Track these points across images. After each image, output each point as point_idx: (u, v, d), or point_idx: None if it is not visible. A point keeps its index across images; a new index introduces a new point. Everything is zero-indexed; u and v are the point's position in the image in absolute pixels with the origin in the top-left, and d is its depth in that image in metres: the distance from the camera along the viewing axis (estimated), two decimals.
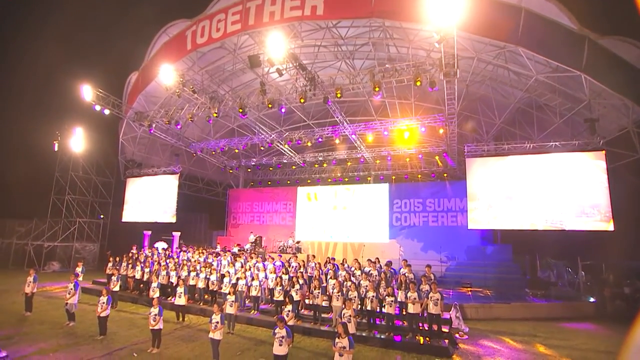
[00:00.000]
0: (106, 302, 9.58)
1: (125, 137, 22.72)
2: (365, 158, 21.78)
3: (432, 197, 21.41)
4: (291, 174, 26.52)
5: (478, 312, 12.55)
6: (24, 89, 28.27)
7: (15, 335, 9.66)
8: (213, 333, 7.73)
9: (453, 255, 19.72)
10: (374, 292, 9.95)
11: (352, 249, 21.00)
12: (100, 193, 26.41)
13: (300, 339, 9.93)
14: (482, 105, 17.90)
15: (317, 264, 13.23)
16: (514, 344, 9.76)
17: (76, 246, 23.80)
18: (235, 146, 20.91)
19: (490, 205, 15.70)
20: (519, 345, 9.66)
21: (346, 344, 6.29)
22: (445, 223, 20.94)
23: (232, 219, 27.21)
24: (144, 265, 14.55)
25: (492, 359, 8.59)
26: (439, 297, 9.14)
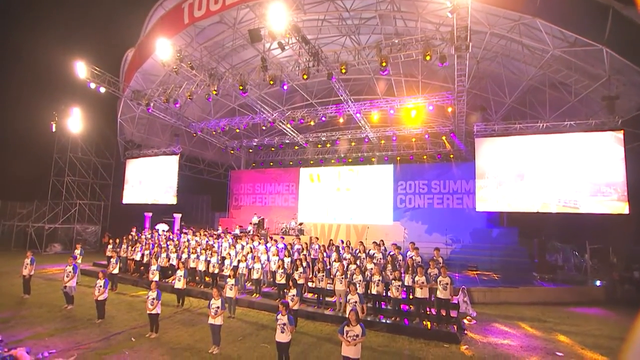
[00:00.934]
0: (103, 286, 9.30)
1: (123, 117, 22.20)
2: (370, 138, 21.20)
3: (438, 178, 20.93)
4: (294, 154, 26.01)
5: (485, 295, 12.25)
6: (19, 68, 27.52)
7: (12, 319, 9.44)
8: (213, 319, 7.42)
9: (458, 238, 19.39)
10: (380, 276, 9.61)
11: (355, 231, 20.70)
12: (101, 175, 26.02)
13: (303, 323, 9.66)
14: (491, 84, 17.16)
15: (321, 246, 12.90)
16: (524, 329, 9.45)
17: (77, 228, 23.59)
18: (236, 126, 20.34)
19: (500, 183, 15.16)
20: (529, 331, 9.35)
21: (359, 332, 5.94)
22: (451, 205, 20.54)
23: (233, 201, 26.91)
24: (144, 248, 14.27)
25: (503, 345, 8.27)
26: (448, 282, 8.77)
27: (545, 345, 8.21)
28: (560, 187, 14.09)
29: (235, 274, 11.76)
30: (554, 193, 14.15)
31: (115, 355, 7.18)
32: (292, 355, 7.11)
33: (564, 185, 14.05)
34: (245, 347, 7.76)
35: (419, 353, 7.71)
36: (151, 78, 19.38)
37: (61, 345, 7.73)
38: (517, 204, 14.92)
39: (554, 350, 7.88)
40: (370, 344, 8.04)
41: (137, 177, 24.06)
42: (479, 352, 7.81)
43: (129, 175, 24.48)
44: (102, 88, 16.68)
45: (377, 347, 8.04)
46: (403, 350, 7.89)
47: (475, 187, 15.98)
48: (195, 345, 7.81)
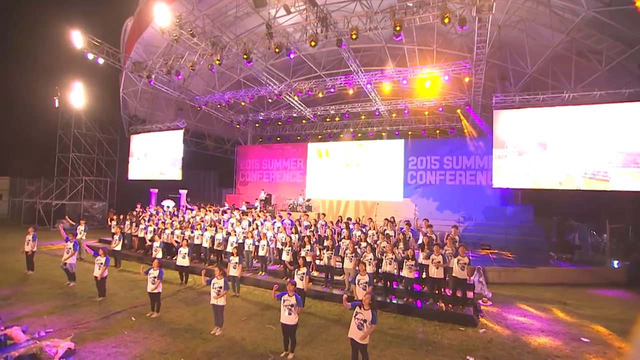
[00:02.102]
0: (104, 263, 8.96)
1: (126, 90, 21.56)
2: (381, 112, 20.29)
3: (450, 154, 20.09)
4: (301, 129, 25.24)
5: (500, 275, 11.73)
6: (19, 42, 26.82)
7: (13, 296, 9.23)
8: (215, 299, 7.01)
9: (470, 216, 18.74)
10: (392, 254, 9.10)
11: (364, 208, 20.17)
12: (106, 151, 25.72)
13: (310, 303, 9.26)
14: (512, 53, 15.98)
15: (329, 222, 12.42)
16: (544, 312, 8.92)
17: (84, 204, 23.49)
18: (241, 99, 19.58)
19: (520, 153, 14.25)
20: (549, 313, 8.81)
21: (368, 317, 5.45)
22: (464, 182, 19.78)
23: (240, 177, 26.49)
24: (148, 224, 13.95)
25: (523, 329, 7.77)
26: (466, 261, 8.21)
27: (568, 330, 7.68)
28: (587, 158, 13.11)
29: (240, 251, 11.41)
30: (581, 164, 13.19)
31: (113, 336, 6.86)
32: (298, 337, 6.69)
33: (592, 156, 13.05)
34: (250, 329, 7.39)
35: (432, 336, 7.25)
36: (152, 49, 18.55)
37: (59, 324, 7.45)
38: (538, 175, 13.98)
39: (578, 336, 7.35)
40: (380, 326, 7.57)
41: (143, 150, 23.66)
42: (497, 336, 7.32)
43: (133, 148, 24.10)
44: (101, 59, 15.99)
45: (388, 329, 7.61)
46: (416, 332, 7.45)
47: (492, 159, 15.10)
48: (197, 325, 7.46)
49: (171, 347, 6.44)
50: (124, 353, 6.19)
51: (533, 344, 6.94)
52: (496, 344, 6.92)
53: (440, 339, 7.12)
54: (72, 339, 6.63)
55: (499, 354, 6.48)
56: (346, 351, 5.92)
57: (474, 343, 6.93)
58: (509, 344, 6.94)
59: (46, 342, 6.38)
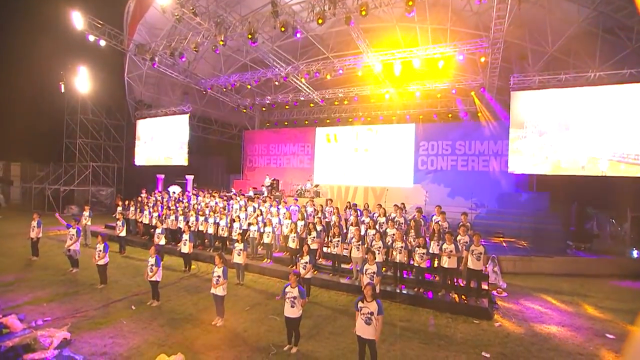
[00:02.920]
0: (103, 250, 8.73)
1: (130, 75, 21.17)
2: (391, 95, 19.55)
3: (463, 139, 19.36)
4: (309, 113, 24.63)
5: (515, 265, 11.23)
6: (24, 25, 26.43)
7: (16, 282, 9.10)
8: (215, 288, 6.70)
9: (483, 203, 18.11)
10: (402, 242, 8.66)
11: (373, 194, 19.70)
12: (113, 137, 25.58)
13: (317, 292, 8.95)
14: (531, 31, 15.05)
15: (335, 208, 12.00)
16: (564, 305, 8.42)
17: (92, 190, 23.49)
18: (247, 81, 19.05)
19: (541, 133, 13.48)
20: (569, 306, 8.30)
21: (374, 309, 5.06)
22: (476, 168, 19.10)
23: (247, 162, 26.16)
24: (152, 210, 13.74)
25: (542, 323, 7.32)
26: (482, 251, 7.73)
27: (591, 325, 7.19)
28: (615, 140, 12.29)
29: (245, 237, 11.12)
30: (608, 146, 12.37)
31: (111, 325, 6.63)
32: (303, 329, 6.38)
33: (621, 138, 12.23)
34: (252, 319, 7.09)
35: (445, 330, 6.85)
36: (155, 32, 18.07)
37: (58, 312, 7.26)
38: (558, 158, 13.19)
39: (602, 332, 6.87)
40: (389, 318, 7.24)
41: (149, 134, 23.46)
42: (513, 330, 6.88)
43: (140, 132, 23.88)
44: (102, 41, 15.57)
45: (398, 321, 7.23)
46: (427, 325, 7.05)
47: (509, 141, 14.40)
48: (198, 315, 7.19)
49: (170, 338, 6.17)
50: (120, 344, 5.94)
51: (553, 340, 6.48)
52: (513, 339, 6.48)
53: (453, 332, 6.71)
54: (68, 328, 6.42)
55: (517, 350, 6.05)
56: (353, 345, 5.57)
57: (489, 338, 6.51)
58: (527, 339, 6.49)
59: (41, 331, 6.16)
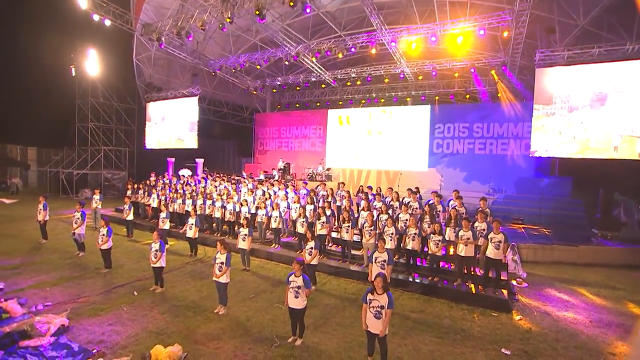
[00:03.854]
0: (106, 234, 8.54)
1: (139, 56, 20.81)
2: (406, 74, 18.70)
3: (481, 121, 18.45)
4: (321, 95, 23.95)
5: (536, 253, 10.62)
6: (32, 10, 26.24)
7: (22, 265, 9.03)
8: (217, 277, 6.40)
9: (500, 187, 17.34)
10: (416, 228, 8.18)
11: (386, 178, 19.10)
12: (124, 120, 25.51)
13: (325, 279, 8.59)
14: (559, 3, 13.92)
15: (346, 192, 11.54)
16: (590, 297, 7.84)
17: (104, 174, 23.59)
18: (257, 62, 18.46)
19: (571, 109, 12.49)
20: (596, 299, 7.72)
21: (384, 302, 4.65)
22: (494, 151, 18.24)
23: (259, 145, 25.77)
24: (160, 193, 13.55)
25: (566, 317, 6.79)
26: (502, 239, 7.17)
27: (622, 321, 6.59)
28: None
29: (252, 222, 10.83)
30: None
31: (111, 312, 6.42)
32: (309, 320, 6.05)
33: None
34: (257, 307, 6.78)
35: (461, 322, 6.40)
36: (162, 11, 17.55)
37: (60, 296, 7.11)
38: (587, 137, 12.14)
39: (633, 328, 6.32)
40: (401, 309, 6.84)
41: (157, 124, 23.30)
42: (536, 324, 6.38)
43: (150, 113, 23.69)
44: (107, 20, 15.19)
45: (410, 312, 6.82)
46: (441, 317, 6.60)
47: (532, 120, 13.47)
48: (200, 303, 6.92)
49: (170, 326, 5.92)
50: (118, 332, 5.71)
51: (580, 337, 5.96)
52: (536, 334, 5.99)
53: (470, 326, 6.25)
54: (68, 314, 6.23)
55: (540, 347, 5.57)
56: (362, 338, 5.20)
57: (509, 332, 6.03)
58: (551, 335, 5.99)
59: (39, 317, 6.00)
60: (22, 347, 5.40)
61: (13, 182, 24.40)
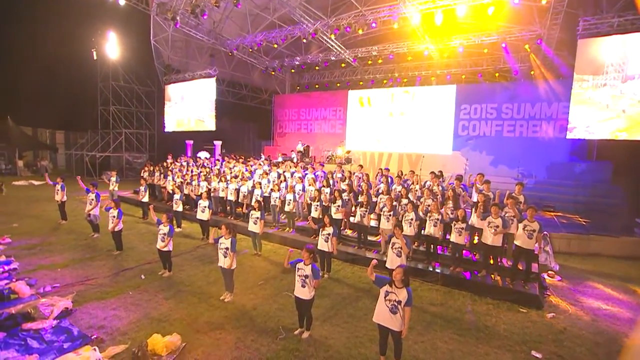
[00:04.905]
0: (117, 216, 8.40)
1: (156, 38, 20.61)
2: (430, 52, 17.61)
3: (511, 101, 17.24)
4: (341, 75, 23.12)
5: (570, 244, 9.77)
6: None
7: (39, 245, 9.07)
8: (223, 262, 6.08)
9: (530, 172, 16.26)
10: (438, 214, 7.57)
11: (408, 161, 18.31)
12: (145, 103, 25.64)
13: (339, 267, 8.17)
14: None
15: (365, 175, 10.98)
16: (633, 295, 7.02)
17: (126, 156, 23.91)
18: (274, 41, 17.86)
19: (625, 78, 11.31)
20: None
21: (403, 298, 4.17)
22: (525, 133, 17.08)
23: (278, 128, 25.37)
24: (176, 176, 13.42)
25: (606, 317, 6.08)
26: (536, 228, 6.46)
27: None
28: None
29: (265, 205, 10.49)
30: None
31: (117, 296, 6.25)
32: (318, 310, 5.69)
33: None
34: (264, 295, 6.45)
35: (485, 318, 5.84)
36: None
37: (69, 278, 7.02)
38: None
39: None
40: (419, 301, 6.34)
41: (175, 106, 23.32)
42: (571, 324, 5.72)
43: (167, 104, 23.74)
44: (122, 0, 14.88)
45: (429, 304, 6.30)
46: (463, 312, 6.07)
47: (572, 94, 12.37)
48: (207, 289, 6.66)
49: (173, 313, 5.67)
50: (120, 317, 5.51)
51: (624, 341, 5.29)
52: (571, 335, 5.35)
53: (495, 322, 5.68)
54: (74, 296, 6.12)
55: (577, 351, 4.95)
56: (374, 332, 4.74)
57: (540, 332, 5.42)
58: (590, 337, 5.34)
59: (44, 299, 5.89)
60: (25, 329, 5.28)
61: (42, 165, 25.19)
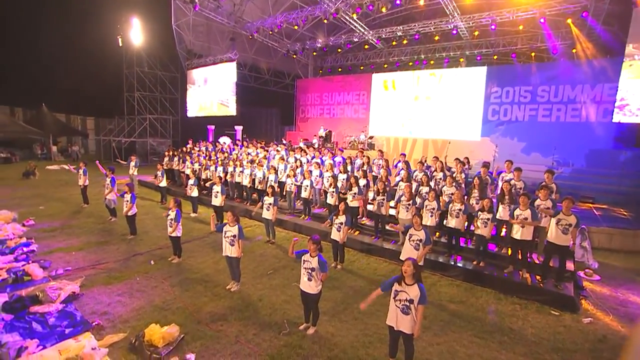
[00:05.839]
0: (130, 201, 8.34)
1: (178, 22, 20.53)
2: (459, 30, 16.50)
3: (549, 82, 15.91)
4: (365, 58, 22.28)
5: (612, 240, 8.88)
6: None
7: (59, 228, 9.23)
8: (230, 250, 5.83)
9: (567, 160, 15.08)
10: (462, 204, 6.99)
11: (434, 147, 17.52)
12: (168, 89, 25.87)
13: (354, 257, 7.78)
14: None
15: (385, 161, 10.42)
16: None
17: (150, 142, 24.30)
18: (294, 22, 17.29)
19: None
20: None
21: (415, 296, 3.74)
22: (562, 118, 15.77)
23: (300, 113, 24.94)
24: (194, 160, 13.36)
25: None
26: (572, 222, 5.76)
27: None
28: None
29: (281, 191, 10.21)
30: None
31: (124, 281, 6.15)
32: (328, 304, 5.37)
33: None
34: (272, 285, 6.17)
35: (510, 320, 5.29)
36: None
37: (82, 262, 7.02)
38: None
39: None
40: (437, 297, 5.87)
41: (197, 91, 23.42)
42: (611, 332, 5.05)
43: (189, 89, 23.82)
44: None
45: (448, 301, 5.81)
46: (485, 311, 5.53)
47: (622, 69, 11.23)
48: (214, 277, 6.45)
49: (176, 301, 5.49)
50: (124, 303, 5.39)
51: None
52: (613, 345, 4.69)
53: (522, 325, 5.13)
54: (83, 280, 6.07)
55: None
56: (386, 330, 4.33)
57: (574, 339, 4.82)
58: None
59: (53, 283, 5.87)
60: (32, 312, 5.27)
61: (73, 150, 26.11)
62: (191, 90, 23.88)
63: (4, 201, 11.59)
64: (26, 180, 16.37)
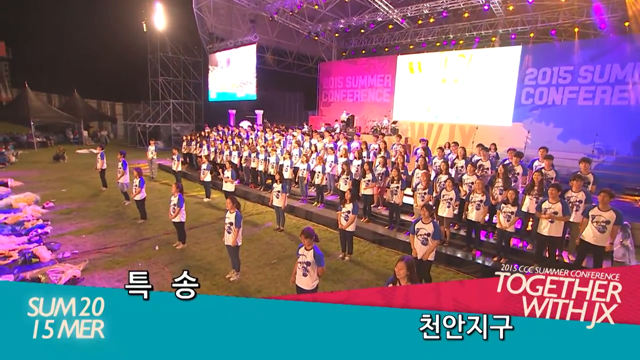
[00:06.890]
0: (139, 185, 8.29)
1: (199, 5, 20.41)
2: (492, 6, 15.26)
3: (592, 62, 14.42)
4: (390, 39, 21.26)
5: None
6: None
7: (76, 210, 9.39)
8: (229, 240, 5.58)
9: (610, 148, 13.71)
10: (483, 195, 6.37)
11: (461, 133, 16.51)
12: (192, 74, 25.96)
13: (364, 248, 7.35)
14: None
15: (403, 147, 9.82)
16: None
17: (174, 126, 24.62)
18: (314, 1, 16.62)
19: None
20: None
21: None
22: (607, 101, 14.26)
23: (323, 97, 24.39)
24: (211, 145, 13.26)
25: None
26: (610, 219, 4.97)
27: None
28: None
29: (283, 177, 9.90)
30: None
31: (126, 266, 6.06)
32: None
33: None
34: (273, 276, 5.88)
35: None
36: None
37: (90, 245, 7.04)
38: None
39: None
40: None
41: (218, 75, 23.46)
42: None
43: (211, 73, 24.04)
44: None
45: None
46: None
47: None
48: (216, 265, 6.26)
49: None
50: None
51: None
52: None
53: None
54: (86, 264, 6.05)
55: None
56: None
57: None
58: None
59: (56, 266, 5.87)
60: None
61: (102, 135, 26.96)
62: (214, 73, 23.87)
63: (31, 183, 11.98)
64: (56, 163, 16.97)
